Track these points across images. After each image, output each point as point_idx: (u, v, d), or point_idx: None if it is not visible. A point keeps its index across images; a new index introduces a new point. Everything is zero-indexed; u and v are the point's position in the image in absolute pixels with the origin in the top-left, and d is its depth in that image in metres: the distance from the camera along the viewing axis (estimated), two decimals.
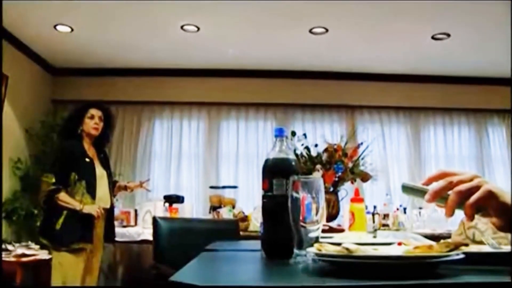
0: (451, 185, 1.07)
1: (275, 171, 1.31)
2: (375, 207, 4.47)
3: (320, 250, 0.94)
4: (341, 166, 3.88)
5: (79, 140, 3.56)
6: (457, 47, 5.15)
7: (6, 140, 4.64)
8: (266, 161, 1.34)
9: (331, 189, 3.92)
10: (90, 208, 3.38)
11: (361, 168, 4.07)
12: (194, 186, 5.81)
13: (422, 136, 6.15)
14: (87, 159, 3.52)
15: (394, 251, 1.00)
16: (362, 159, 4.15)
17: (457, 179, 1.07)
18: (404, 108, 6.11)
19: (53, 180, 3.34)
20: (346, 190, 3.98)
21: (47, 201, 3.37)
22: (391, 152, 6.02)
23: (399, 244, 1.13)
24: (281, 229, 1.23)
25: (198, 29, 4.75)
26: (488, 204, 1.04)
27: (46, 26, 4.73)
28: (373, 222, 3.58)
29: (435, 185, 1.09)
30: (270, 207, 1.30)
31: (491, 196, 1.04)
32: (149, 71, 5.92)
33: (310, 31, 4.77)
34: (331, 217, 3.75)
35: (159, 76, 5.96)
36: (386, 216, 3.89)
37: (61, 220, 3.31)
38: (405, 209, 4.65)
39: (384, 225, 3.69)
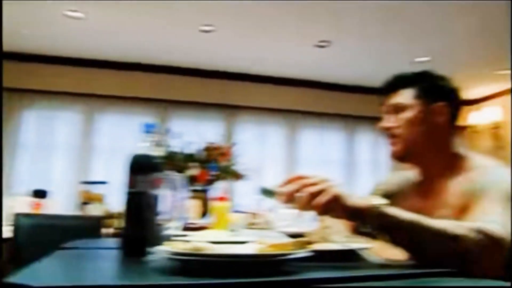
0: (303, 188, 1.15)
1: (139, 168, 1.29)
2: (246, 206, 4.54)
3: (172, 248, 0.94)
4: (215, 165, 3.91)
5: None
6: (335, 55, 5.43)
7: None
8: (132, 157, 1.32)
9: (202, 187, 3.93)
10: None
11: (234, 168, 4.13)
12: (66, 181, 5.54)
13: (297, 138, 6.40)
14: None
15: (246, 249, 1.02)
16: (236, 158, 4.21)
17: (309, 182, 1.15)
18: (282, 110, 6.31)
19: None
20: (219, 189, 4.02)
21: None
22: (267, 153, 6.19)
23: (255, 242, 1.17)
24: (140, 226, 1.21)
25: (85, 16, 4.53)
26: (334, 206, 1.14)
27: None
28: (242, 220, 3.65)
29: (289, 188, 1.17)
30: (131, 203, 1.28)
31: (336, 199, 1.13)
32: (23, 57, 5.54)
33: (199, 29, 4.76)
34: (202, 215, 3.76)
35: (34, 62, 5.60)
36: (255, 215, 3.99)
37: None
38: (273, 209, 4.77)
39: (252, 223, 3.78)
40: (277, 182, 1.23)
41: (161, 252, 0.95)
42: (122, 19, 4.65)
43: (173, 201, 1.30)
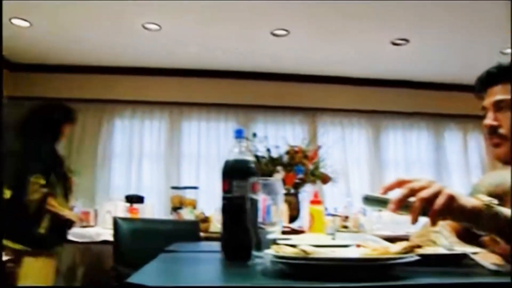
0: (412, 192, 1.07)
1: (235, 173, 1.31)
2: (335, 209, 4.49)
3: (277, 251, 0.94)
4: (301, 168, 3.90)
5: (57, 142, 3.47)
6: (416, 53, 5.26)
7: None
8: (226, 162, 1.34)
9: (292, 191, 3.93)
10: (72, 215, 3.40)
11: (321, 170, 4.10)
12: (155, 187, 5.72)
13: (382, 139, 6.24)
14: (61, 161, 3.45)
15: (351, 253, 1.00)
16: (322, 161, 4.18)
17: (418, 186, 1.07)
18: (365, 111, 6.18)
19: (43, 182, 3.16)
20: (307, 192, 4.01)
21: (39, 205, 3.17)
22: (351, 154, 6.08)
23: (357, 246, 1.14)
24: (240, 230, 1.22)
25: (160, 27, 4.69)
26: (452, 209, 1.06)
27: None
28: (333, 224, 3.61)
29: (397, 194, 1.10)
30: (230, 208, 1.29)
31: (452, 200, 1.05)
32: (111, 69, 5.80)
33: (272, 32, 4.78)
34: (292, 218, 3.76)
35: (120, 74, 5.84)
36: (346, 218, 3.93)
37: (45, 224, 3.18)
38: (365, 211, 4.69)
39: (344, 227, 3.73)
40: (368, 182, 1.18)
41: (268, 256, 0.95)
42: (195, 28, 4.73)
43: (271, 205, 1.29)
